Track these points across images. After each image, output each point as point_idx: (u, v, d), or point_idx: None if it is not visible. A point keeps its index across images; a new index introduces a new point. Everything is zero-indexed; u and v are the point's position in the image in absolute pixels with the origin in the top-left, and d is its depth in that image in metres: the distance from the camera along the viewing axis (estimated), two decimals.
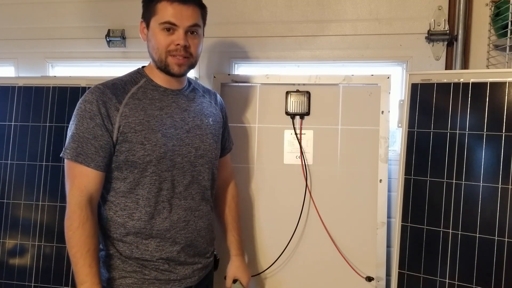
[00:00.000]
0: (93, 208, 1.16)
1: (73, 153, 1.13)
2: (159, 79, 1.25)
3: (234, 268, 1.45)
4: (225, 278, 1.47)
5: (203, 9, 1.25)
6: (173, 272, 1.24)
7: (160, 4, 1.17)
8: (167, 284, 1.23)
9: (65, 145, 1.16)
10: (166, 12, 1.16)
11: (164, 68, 1.21)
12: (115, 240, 1.22)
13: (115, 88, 1.20)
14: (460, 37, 1.61)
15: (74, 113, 1.17)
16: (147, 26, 1.22)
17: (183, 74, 1.25)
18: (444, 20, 1.64)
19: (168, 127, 1.22)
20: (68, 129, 1.17)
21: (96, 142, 1.14)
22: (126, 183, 1.19)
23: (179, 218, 1.23)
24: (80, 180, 1.14)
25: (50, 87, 1.69)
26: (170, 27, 1.17)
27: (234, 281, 1.44)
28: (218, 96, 1.45)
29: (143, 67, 1.29)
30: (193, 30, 1.20)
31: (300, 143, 1.66)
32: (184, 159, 1.24)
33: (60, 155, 1.16)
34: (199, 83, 1.43)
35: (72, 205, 1.13)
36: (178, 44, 1.18)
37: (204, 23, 1.27)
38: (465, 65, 1.63)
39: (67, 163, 1.16)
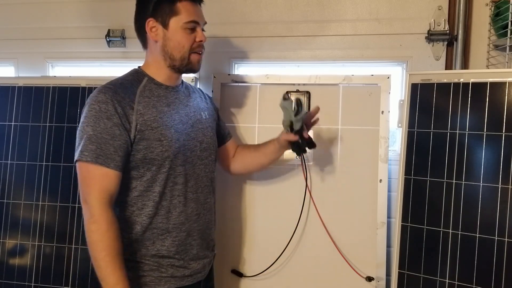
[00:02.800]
0: (114, 210, 1.15)
1: (93, 155, 1.10)
2: (161, 77, 1.27)
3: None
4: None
5: None
6: (187, 268, 1.25)
7: (181, 4, 1.21)
8: (181, 281, 1.24)
9: (81, 147, 1.11)
10: (190, 11, 1.23)
11: (185, 66, 1.25)
12: (131, 240, 1.20)
13: (124, 87, 1.19)
14: (460, 37, 1.61)
15: (87, 114, 1.13)
16: (164, 25, 1.22)
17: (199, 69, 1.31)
18: (444, 20, 1.63)
19: (178, 123, 1.25)
20: (80, 131, 1.14)
21: (114, 142, 1.12)
22: (143, 181, 1.19)
23: (192, 211, 1.26)
24: (102, 181, 1.11)
25: (50, 87, 1.69)
26: (194, 26, 1.23)
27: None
28: (203, 90, 1.51)
29: (139, 67, 1.30)
30: (203, 28, 1.29)
31: None
32: (192, 153, 1.27)
33: (76, 158, 1.12)
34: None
35: (98, 208, 1.10)
36: (201, 41, 1.25)
37: None
38: (465, 65, 1.63)
39: (84, 166, 1.12)
